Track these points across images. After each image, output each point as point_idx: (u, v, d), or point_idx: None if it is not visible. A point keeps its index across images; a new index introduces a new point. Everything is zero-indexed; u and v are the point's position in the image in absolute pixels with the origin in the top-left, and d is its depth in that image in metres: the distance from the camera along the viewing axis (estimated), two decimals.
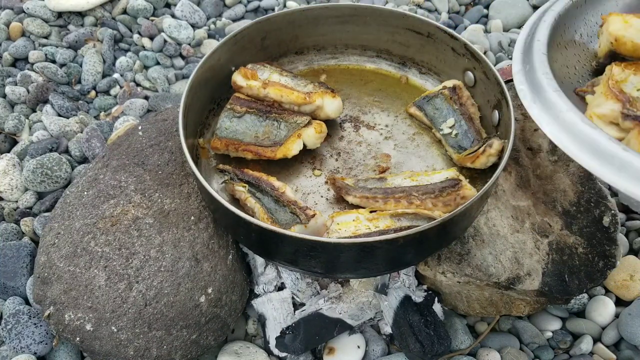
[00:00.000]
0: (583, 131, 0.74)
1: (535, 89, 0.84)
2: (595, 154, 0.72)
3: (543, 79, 0.83)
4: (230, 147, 1.16)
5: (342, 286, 1.18)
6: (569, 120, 0.76)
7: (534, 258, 1.14)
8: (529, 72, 0.87)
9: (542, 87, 0.82)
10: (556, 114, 0.78)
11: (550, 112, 0.79)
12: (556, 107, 0.78)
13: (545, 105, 0.80)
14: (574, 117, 0.75)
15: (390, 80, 1.38)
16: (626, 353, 1.19)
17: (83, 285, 1.06)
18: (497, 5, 1.94)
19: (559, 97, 0.79)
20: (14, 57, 1.69)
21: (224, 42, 1.23)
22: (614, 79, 0.85)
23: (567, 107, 0.77)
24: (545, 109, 0.80)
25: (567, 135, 0.76)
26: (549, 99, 0.80)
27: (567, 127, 0.76)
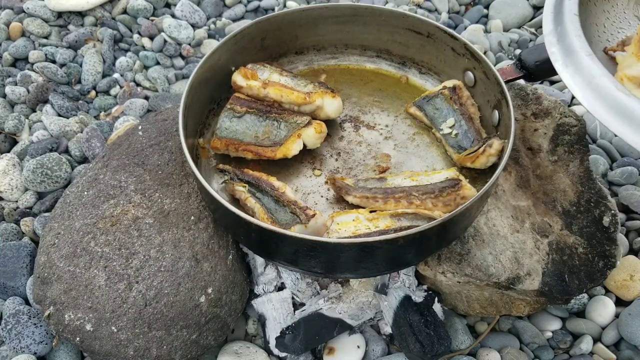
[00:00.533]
0: (617, 98, 0.72)
1: (567, 51, 0.81)
2: (629, 122, 0.71)
3: (575, 42, 0.80)
4: (230, 147, 1.16)
5: (342, 286, 1.18)
6: (602, 86, 0.74)
7: (534, 258, 1.14)
8: (560, 34, 0.84)
9: (574, 50, 0.80)
10: (589, 79, 0.76)
11: (583, 76, 0.77)
12: (589, 72, 0.76)
13: (577, 69, 0.78)
14: (608, 82, 0.74)
15: (390, 80, 1.38)
16: (626, 353, 1.19)
17: (83, 285, 1.06)
18: (497, 5, 1.94)
19: (592, 61, 0.77)
20: (14, 57, 1.69)
21: (224, 42, 1.23)
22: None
23: (601, 72, 0.75)
24: (578, 73, 0.78)
25: (600, 102, 0.74)
26: (582, 63, 0.78)
27: (600, 93, 0.74)
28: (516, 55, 1.79)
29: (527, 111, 1.31)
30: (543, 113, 1.30)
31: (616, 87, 0.73)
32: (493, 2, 1.95)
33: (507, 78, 1.23)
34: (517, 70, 1.24)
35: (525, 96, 1.34)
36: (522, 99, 1.34)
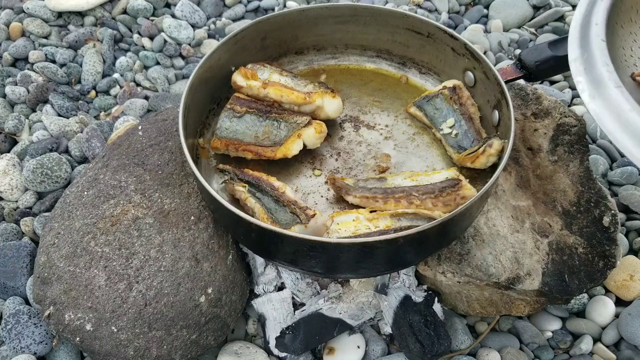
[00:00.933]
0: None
1: (594, 82, 0.77)
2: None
3: (604, 72, 0.76)
4: (230, 147, 1.16)
5: (342, 286, 1.18)
6: (632, 122, 0.70)
7: (534, 258, 1.14)
8: (587, 61, 0.80)
9: (602, 81, 0.75)
10: (618, 112, 0.72)
11: (611, 110, 0.73)
12: (618, 106, 0.72)
13: (605, 101, 0.74)
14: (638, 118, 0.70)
15: (390, 80, 1.38)
16: (626, 353, 1.19)
17: (83, 285, 1.06)
18: (497, 5, 1.94)
19: (621, 94, 0.73)
20: (14, 57, 1.69)
21: (224, 42, 1.23)
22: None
23: (631, 107, 0.71)
24: (606, 105, 0.74)
25: (630, 138, 0.70)
26: (611, 96, 0.74)
27: (630, 128, 0.70)
28: (516, 55, 1.79)
29: (527, 111, 1.31)
30: (543, 113, 1.30)
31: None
32: (493, 2, 1.95)
33: (507, 78, 1.23)
34: (517, 70, 1.24)
35: (525, 96, 1.34)
36: (522, 99, 1.34)
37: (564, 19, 1.92)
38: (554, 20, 1.91)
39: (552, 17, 1.90)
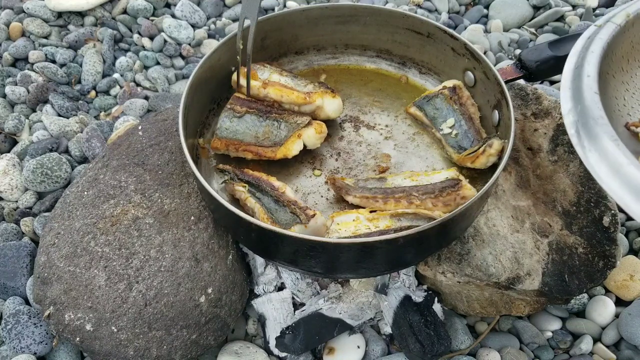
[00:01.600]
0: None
1: (589, 135, 0.75)
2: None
3: (598, 126, 0.74)
4: (231, 147, 1.16)
5: (342, 286, 1.18)
6: (630, 176, 0.68)
7: (534, 258, 1.14)
8: (581, 114, 0.78)
9: (597, 134, 0.73)
10: (616, 167, 0.70)
11: (609, 164, 0.71)
12: (615, 160, 0.70)
13: (602, 156, 0.72)
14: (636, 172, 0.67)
15: (390, 80, 1.38)
16: (626, 353, 1.19)
17: (83, 285, 1.06)
18: (497, 5, 1.94)
19: (618, 147, 0.70)
20: (14, 57, 1.69)
21: (224, 42, 1.23)
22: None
23: (628, 161, 0.69)
24: (603, 160, 0.72)
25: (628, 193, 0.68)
26: (607, 149, 0.71)
27: (628, 182, 0.68)
28: (516, 55, 1.79)
29: (527, 111, 1.31)
30: (543, 113, 1.30)
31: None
32: (493, 2, 1.95)
33: (507, 78, 1.23)
34: (517, 70, 1.25)
35: (525, 96, 1.34)
36: (522, 99, 1.34)
37: (564, 19, 1.92)
38: (554, 20, 1.91)
39: (552, 17, 1.90)
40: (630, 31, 0.92)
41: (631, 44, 0.93)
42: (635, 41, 0.93)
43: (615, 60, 0.90)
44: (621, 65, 0.92)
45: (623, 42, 0.91)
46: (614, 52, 0.89)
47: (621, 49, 0.91)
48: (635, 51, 0.94)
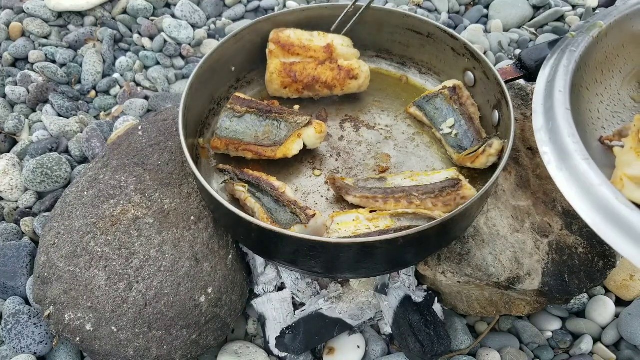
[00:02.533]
0: (618, 211, 0.64)
1: (561, 153, 0.73)
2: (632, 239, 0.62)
3: (570, 144, 0.72)
4: (231, 147, 1.16)
5: (342, 286, 1.18)
6: (601, 197, 0.66)
7: (534, 258, 1.14)
8: (552, 131, 0.76)
9: (568, 153, 0.72)
10: (587, 187, 0.68)
11: (580, 184, 0.69)
12: (586, 179, 0.68)
13: (572, 174, 0.70)
14: (607, 193, 0.66)
15: (390, 80, 1.38)
16: (626, 353, 1.19)
17: (83, 285, 1.06)
18: (497, 5, 1.94)
19: (589, 166, 0.69)
20: (14, 57, 1.69)
21: (224, 42, 1.23)
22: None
23: (599, 180, 0.67)
24: (574, 179, 0.70)
25: (598, 214, 0.66)
26: (578, 168, 0.70)
27: (599, 204, 0.66)
28: (516, 55, 1.79)
29: (527, 111, 1.31)
30: None
31: (617, 199, 0.65)
32: (493, 2, 1.95)
33: (507, 78, 1.23)
34: (517, 70, 1.25)
35: (525, 96, 1.34)
36: (522, 99, 1.34)
37: (564, 19, 1.92)
38: (554, 20, 1.91)
39: (552, 17, 1.90)
40: (604, 42, 0.90)
41: (605, 55, 0.91)
42: (609, 51, 0.91)
43: (588, 72, 0.88)
44: (595, 77, 0.90)
45: (597, 53, 0.89)
46: (588, 64, 0.87)
47: (595, 60, 0.89)
48: (609, 62, 0.92)
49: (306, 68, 1.26)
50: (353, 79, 1.24)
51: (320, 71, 1.25)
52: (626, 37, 0.94)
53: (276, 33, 1.27)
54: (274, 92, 1.28)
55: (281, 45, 1.27)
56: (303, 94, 1.27)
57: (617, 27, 0.91)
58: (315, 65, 1.25)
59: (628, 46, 0.94)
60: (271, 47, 1.27)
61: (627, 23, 0.93)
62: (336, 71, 1.24)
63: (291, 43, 1.27)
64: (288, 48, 1.27)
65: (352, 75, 1.24)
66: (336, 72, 1.24)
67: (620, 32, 0.92)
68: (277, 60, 1.26)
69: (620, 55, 0.94)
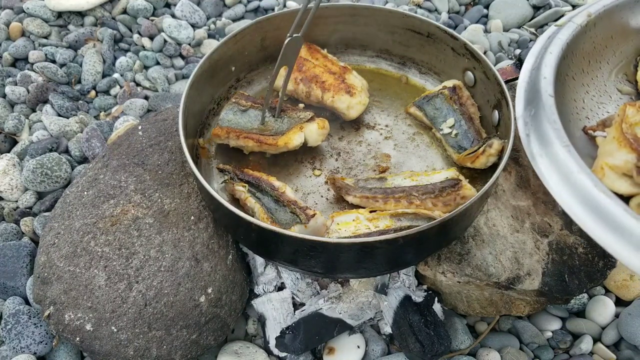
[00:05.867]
0: (596, 199, 0.63)
1: (541, 140, 0.73)
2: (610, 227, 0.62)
3: (550, 130, 0.72)
4: (231, 135, 1.16)
5: (342, 286, 1.18)
6: (580, 184, 0.65)
7: (534, 258, 1.14)
8: (534, 118, 0.75)
9: (549, 139, 0.71)
10: (566, 174, 0.67)
11: (559, 171, 0.68)
12: (566, 167, 0.67)
13: (553, 161, 0.70)
14: (587, 180, 0.65)
15: (390, 80, 1.38)
16: (626, 353, 1.19)
17: (83, 285, 1.06)
18: (497, 5, 1.94)
19: (569, 154, 0.68)
20: (14, 57, 1.69)
21: (224, 42, 1.23)
22: (628, 122, 0.74)
23: (579, 168, 0.66)
24: (554, 166, 0.69)
25: (578, 202, 0.65)
26: (558, 155, 0.69)
27: (578, 191, 0.66)
28: (516, 55, 1.79)
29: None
30: None
31: (595, 186, 0.64)
32: (493, 2, 1.95)
33: (507, 78, 1.23)
34: (517, 70, 1.25)
35: None
36: None
37: None
38: (554, 20, 1.91)
39: (552, 17, 1.90)
40: (592, 31, 0.89)
41: (593, 45, 0.90)
42: (597, 42, 0.91)
43: (575, 62, 0.87)
44: (582, 67, 0.89)
45: (584, 43, 0.89)
46: (575, 52, 0.86)
47: (582, 49, 0.88)
48: (596, 52, 0.91)
49: (315, 67, 1.26)
50: (347, 94, 1.22)
51: (324, 75, 1.25)
52: (615, 29, 0.93)
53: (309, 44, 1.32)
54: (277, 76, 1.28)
55: (308, 46, 1.30)
56: (297, 88, 1.26)
57: (607, 18, 0.90)
58: (323, 70, 1.26)
59: (616, 38, 0.93)
60: None
61: (617, 14, 0.92)
62: (337, 81, 1.24)
63: (317, 50, 1.31)
64: (313, 51, 1.30)
65: (348, 89, 1.23)
66: (336, 81, 1.24)
67: (610, 23, 0.92)
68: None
69: (609, 46, 0.93)
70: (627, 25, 0.94)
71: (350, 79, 1.25)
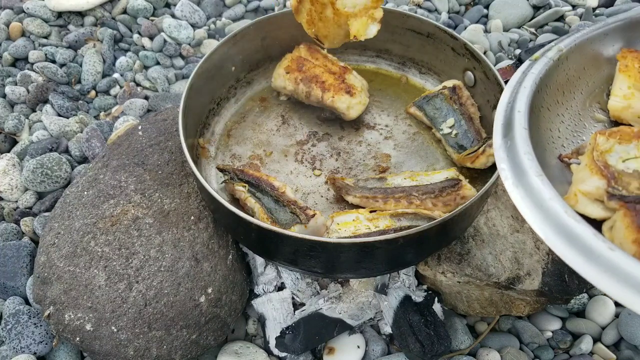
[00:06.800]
0: (567, 224, 0.68)
1: (517, 170, 0.77)
2: (580, 251, 0.66)
3: (525, 160, 0.76)
4: None
5: (342, 286, 1.18)
6: (552, 211, 0.70)
7: (534, 258, 1.14)
8: (510, 149, 0.80)
9: (524, 169, 0.75)
10: (540, 202, 0.71)
11: (534, 199, 0.72)
12: (539, 195, 0.72)
13: (527, 190, 0.74)
14: (558, 207, 0.69)
15: (390, 80, 1.38)
16: (626, 353, 1.19)
17: (83, 285, 1.06)
18: (497, 5, 1.94)
19: (541, 182, 0.72)
20: (14, 57, 1.69)
21: (224, 42, 1.23)
22: (598, 150, 0.79)
23: (550, 195, 0.71)
24: (528, 195, 0.73)
25: (550, 227, 0.70)
26: (532, 185, 0.73)
27: (550, 217, 0.70)
28: (516, 55, 1.79)
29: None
30: None
31: (566, 212, 0.68)
32: (493, 2, 1.95)
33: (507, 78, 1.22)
34: None
35: None
36: None
37: (564, 19, 1.92)
38: (554, 20, 1.91)
39: (552, 17, 1.90)
40: (565, 64, 0.93)
41: (566, 77, 0.94)
42: (570, 74, 0.95)
43: (549, 94, 0.91)
44: (556, 98, 0.93)
45: (558, 75, 0.93)
46: (548, 85, 0.91)
47: (556, 81, 0.93)
48: (570, 83, 0.95)
49: (315, 67, 1.26)
50: (347, 94, 1.22)
51: (324, 75, 1.25)
52: (587, 60, 0.97)
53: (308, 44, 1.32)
54: (277, 76, 1.28)
55: (308, 46, 1.30)
56: (297, 87, 1.26)
57: (578, 51, 0.95)
58: (323, 70, 1.26)
59: (589, 68, 0.98)
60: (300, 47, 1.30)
61: (588, 47, 0.97)
62: (337, 81, 1.24)
63: (317, 50, 1.31)
64: (313, 51, 1.30)
65: (348, 89, 1.23)
66: (336, 81, 1.24)
67: (581, 56, 0.96)
68: (298, 53, 1.29)
69: (582, 77, 0.97)
70: (599, 55, 0.99)
71: (350, 79, 1.25)
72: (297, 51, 1.29)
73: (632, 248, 0.68)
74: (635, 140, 0.80)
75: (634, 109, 0.90)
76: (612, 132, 0.81)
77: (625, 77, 0.92)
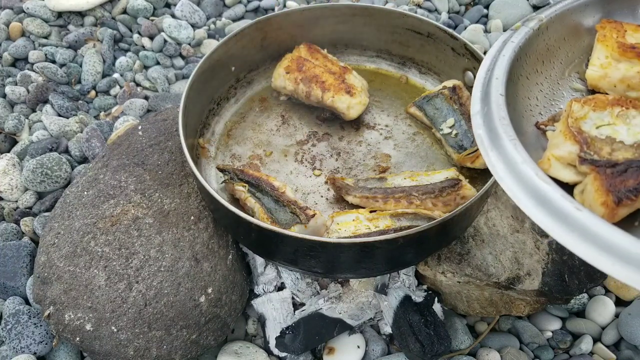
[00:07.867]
0: (537, 186, 0.70)
1: (491, 135, 0.79)
2: (549, 212, 0.68)
3: (499, 125, 0.79)
4: None
5: (342, 286, 1.18)
6: (523, 174, 0.72)
7: (534, 258, 1.14)
8: (486, 115, 0.82)
9: (498, 134, 0.78)
10: (512, 165, 0.74)
11: (506, 162, 0.75)
12: (512, 158, 0.74)
13: (501, 154, 0.76)
14: (529, 170, 0.72)
15: (390, 80, 1.38)
16: (626, 353, 1.19)
17: (83, 285, 1.06)
18: (497, 5, 1.94)
19: (514, 146, 0.75)
20: (14, 57, 1.69)
21: (224, 42, 1.23)
22: (573, 116, 0.81)
23: (522, 159, 0.73)
24: (501, 158, 0.76)
25: (521, 190, 0.72)
26: (505, 148, 0.76)
27: (521, 180, 0.72)
28: None
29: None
30: None
31: (537, 175, 0.71)
32: (493, 2, 1.95)
33: None
34: None
35: None
36: None
37: None
38: None
39: None
40: (545, 34, 0.95)
41: (546, 47, 0.96)
42: (550, 44, 0.96)
43: (529, 62, 0.93)
44: (536, 67, 0.95)
45: (538, 45, 0.95)
46: (528, 54, 0.93)
47: (536, 51, 0.94)
48: (550, 53, 0.97)
49: (315, 67, 1.26)
50: (347, 94, 1.22)
51: (324, 75, 1.25)
52: (567, 30, 0.99)
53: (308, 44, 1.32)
54: (277, 76, 1.28)
55: (308, 46, 1.30)
56: (297, 87, 1.26)
57: (559, 21, 0.97)
58: (323, 70, 1.26)
59: (569, 39, 0.99)
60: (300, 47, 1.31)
61: (568, 17, 0.98)
62: (337, 81, 1.24)
63: (318, 50, 1.31)
64: (313, 51, 1.30)
65: (348, 89, 1.23)
66: (336, 81, 1.24)
67: (562, 26, 0.98)
68: (298, 53, 1.29)
69: (562, 47, 0.99)
70: (579, 25, 1.00)
71: (350, 79, 1.25)
72: (297, 51, 1.29)
73: (601, 210, 0.70)
74: (609, 107, 0.82)
75: (610, 78, 0.92)
76: (587, 99, 0.84)
77: (603, 46, 0.93)
